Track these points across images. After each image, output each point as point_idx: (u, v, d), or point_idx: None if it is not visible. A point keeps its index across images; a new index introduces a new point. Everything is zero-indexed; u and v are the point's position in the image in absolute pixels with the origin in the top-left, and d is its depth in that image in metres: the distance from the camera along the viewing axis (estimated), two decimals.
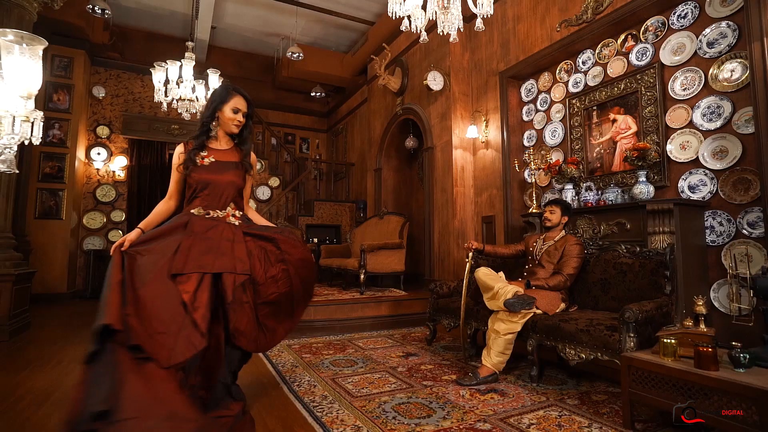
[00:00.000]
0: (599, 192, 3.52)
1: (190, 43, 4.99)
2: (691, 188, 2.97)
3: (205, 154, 1.88)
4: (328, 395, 2.22)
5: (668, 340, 1.68)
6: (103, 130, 6.73)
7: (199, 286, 1.61)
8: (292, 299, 1.88)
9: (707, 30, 2.89)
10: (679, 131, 3.07)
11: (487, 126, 4.80)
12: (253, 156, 2.03)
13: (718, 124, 2.82)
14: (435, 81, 4.99)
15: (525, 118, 4.54)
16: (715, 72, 2.85)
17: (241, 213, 1.92)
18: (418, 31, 2.95)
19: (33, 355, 3.03)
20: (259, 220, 2.02)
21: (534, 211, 3.87)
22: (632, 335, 1.94)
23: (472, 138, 4.97)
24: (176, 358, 1.46)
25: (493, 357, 2.43)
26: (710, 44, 2.88)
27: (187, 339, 1.50)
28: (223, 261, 1.70)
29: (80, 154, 6.30)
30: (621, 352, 1.92)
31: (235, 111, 1.90)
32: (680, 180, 3.03)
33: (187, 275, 1.61)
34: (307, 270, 1.91)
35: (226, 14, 6.86)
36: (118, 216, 6.75)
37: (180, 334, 1.50)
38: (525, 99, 4.55)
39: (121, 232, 6.74)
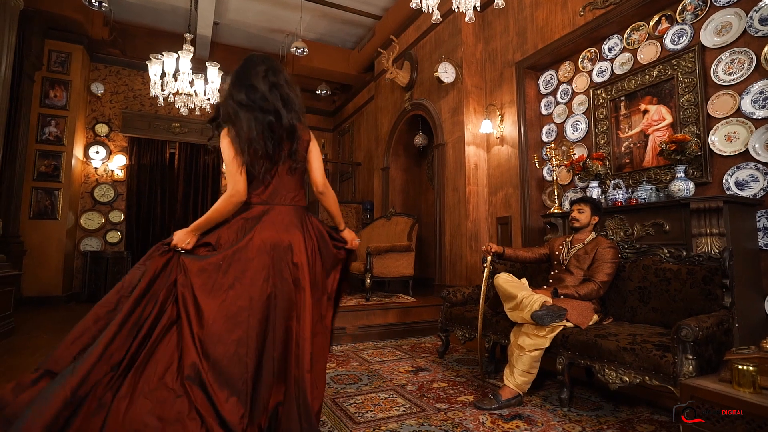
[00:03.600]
0: (629, 190, 3.19)
1: (188, 35, 4.74)
2: (739, 185, 2.62)
3: None
4: (327, 421, 1.92)
5: (745, 367, 1.35)
6: (102, 128, 6.52)
7: None
8: None
9: (763, 2, 2.53)
10: (723, 121, 2.73)
11: (502, 120, 4.48)
12: None
13: None
14: (446, 73, 4.68)
15: (544, 112, 4.21)
16: None
17: None
18: (430, 10, 2.66)
19: (6, 365, 2.77)
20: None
21: (556, 211, 3.53)
22: (691, 357, 1.61)
23: (486, 133, 4.65)
24: None
25: (517, 377, 2.11)
26: (763, 20, 2.53)
27: None
28: None
29: (78, 152, 6.09)
30: (677, 377, 1.59)
31: None
32: (725, 175, 2.68)
33: None
34: None
35: (229, 10, 6.62)
36: (117, 216, 6.53)
37: None
38: (543, 91, 4.22)
39: (119, 233, 6.52)
